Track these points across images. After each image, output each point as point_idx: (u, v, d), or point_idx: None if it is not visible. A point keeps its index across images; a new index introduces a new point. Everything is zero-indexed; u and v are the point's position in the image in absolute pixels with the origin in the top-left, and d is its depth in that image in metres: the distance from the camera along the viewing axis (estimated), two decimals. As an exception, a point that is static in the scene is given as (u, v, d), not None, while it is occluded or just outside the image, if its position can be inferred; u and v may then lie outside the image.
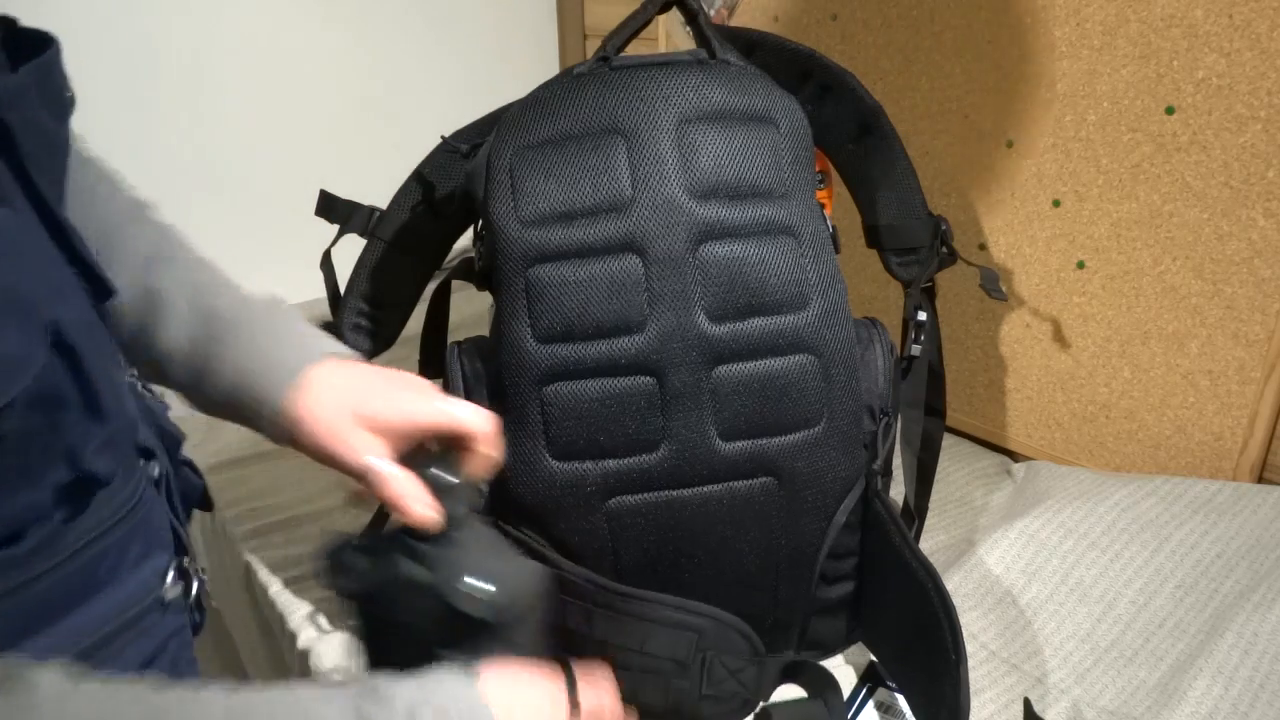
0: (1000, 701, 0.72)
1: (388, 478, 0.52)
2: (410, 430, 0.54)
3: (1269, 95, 0.85)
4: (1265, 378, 0.90)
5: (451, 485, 0.52)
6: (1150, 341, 0.98)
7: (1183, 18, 0.88)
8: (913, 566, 0.66)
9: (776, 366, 0.66)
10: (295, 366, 0.54)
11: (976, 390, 1.15)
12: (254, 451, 1.11)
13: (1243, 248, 0.89)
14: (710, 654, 0.67)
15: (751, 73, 0.69)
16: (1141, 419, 1.01)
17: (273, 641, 0.90)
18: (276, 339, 0.56)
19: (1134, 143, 0.94)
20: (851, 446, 0.69)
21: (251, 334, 0.55)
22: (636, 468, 0.65)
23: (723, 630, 0.67)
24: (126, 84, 1.31)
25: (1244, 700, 0.69)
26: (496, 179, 0.66)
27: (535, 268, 0.65)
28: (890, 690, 0.74)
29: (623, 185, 0.65)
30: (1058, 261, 1.03)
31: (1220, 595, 0.79)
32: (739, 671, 0.68)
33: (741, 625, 0.68)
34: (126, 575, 0.47)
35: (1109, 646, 0.76)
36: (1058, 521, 0.87)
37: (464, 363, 0.69)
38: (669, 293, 0.64)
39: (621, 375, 0.65)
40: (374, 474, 0.52)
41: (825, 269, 0.67)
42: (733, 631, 0.68)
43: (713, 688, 0.67)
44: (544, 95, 0.68)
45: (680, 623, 0.66)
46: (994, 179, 1.07)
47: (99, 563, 0.45)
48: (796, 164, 0.67)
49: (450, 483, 0.52)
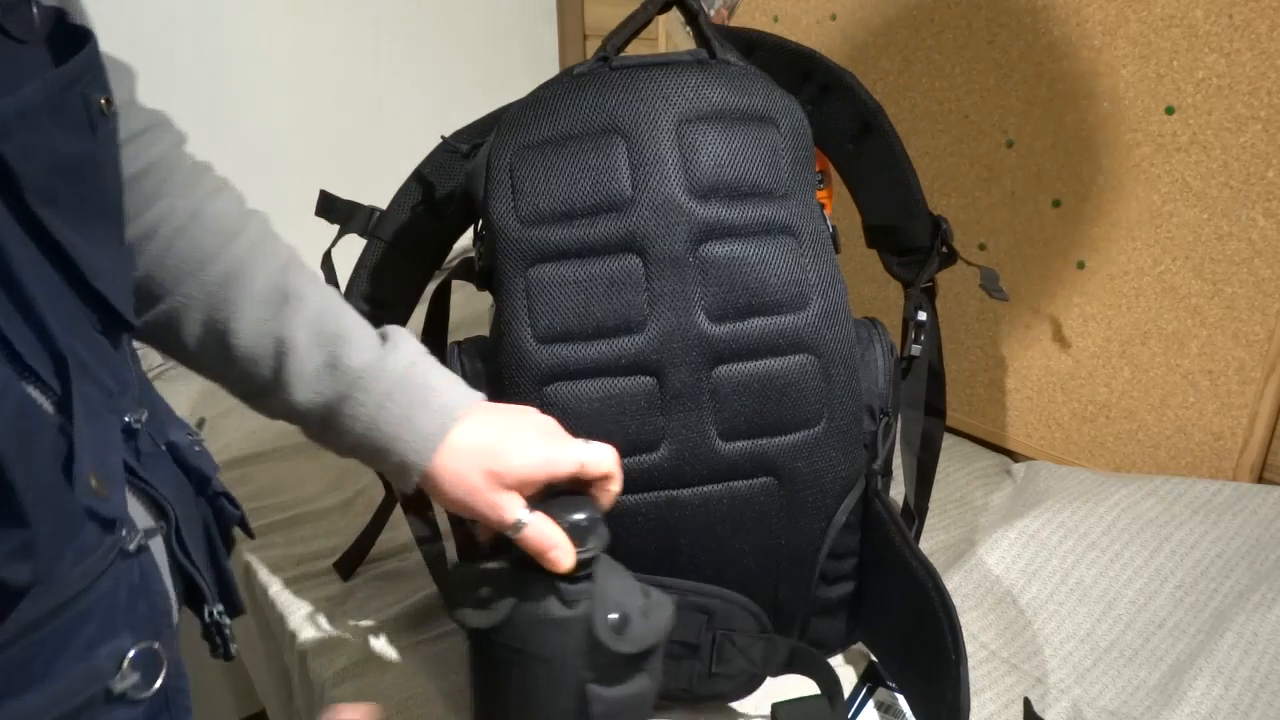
0: (1000, 701, 0.72)
1: (536, 532, 0.53)
2: (544, 479, 0.55)
3: (1269, 95, 0.85)
4: (1265, 378, 0.90)
5: (586, 525, 0.54)
6: (1150, 341, 0.98)
7: (1183, 18, 0.88)
8: (913, 566, 0.66)
9: (776, 366, 0.66)
10: (431, 433, 0.54)
11: (976, 390, 1.15)
12: (254, 451, 1.11)
13: (1243, 248, 0.89)
14: (720, 633, 0.68)
15: (751, 73, 0.69)
16: (1141, 419, 1.01)
17: (273, 642, 0.90)
18: (410, 402, 0.55)
19: (1134, 143, 0.94)
20: (851, 446, 0.69)
21: (384, 396, 0.55)
22: (636, 467, 0.65)
23: (731, 609, 0.68)
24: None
25: (1244, 700, 0.69)
26: (496, 179, 0.66)
27: (535, 267, 0.65)
28: (890, 690, 0.74)
29: (623, 185, 0.65)
30: (1058, 261, 1.03)
31: (1220, 595, 0.79)
32: (748, 648, 0.69)
33: (749, 603, 0.69)
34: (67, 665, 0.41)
35: (1109, 646, 0.76)
36: (1058, 521, 0.87)
37: (464, 363, 0.69)
38: (669, 293, 0.64)
39: (621, 375, 0.65)
40: (523, 531, 0.53)
41: (825, 269, 0.67)
42: (740, 609, 0.69)
43: (722, 666, 0.69)
44: (544, 95, 0.68)
45: (689, 605, 0.67)
46: (994, 179, 1.07)
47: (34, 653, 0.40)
48: (796, 164, 0.67)
49: (584, 523, 0.54)
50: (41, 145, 0.40)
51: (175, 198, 0.55)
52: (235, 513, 0.60)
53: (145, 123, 0.56)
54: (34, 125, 0.39)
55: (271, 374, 0.55)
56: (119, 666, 0.43)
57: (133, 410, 0.49)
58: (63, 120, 0.41)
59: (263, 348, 0.55)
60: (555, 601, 0.52)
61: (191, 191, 0.56)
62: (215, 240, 0.55)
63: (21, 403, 0.37)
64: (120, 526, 0.44)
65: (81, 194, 0.43)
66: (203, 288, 0.55)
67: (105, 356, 0.46)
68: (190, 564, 0.52)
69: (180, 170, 0.57)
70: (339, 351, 0.55)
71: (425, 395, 0.55)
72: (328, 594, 0.87)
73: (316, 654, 0.81)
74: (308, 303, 0.56)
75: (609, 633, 0.51)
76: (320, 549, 0.94)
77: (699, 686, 0.69)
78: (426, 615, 0.84)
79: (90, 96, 0.44)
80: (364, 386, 0.55)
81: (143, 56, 1.50)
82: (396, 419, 0.55)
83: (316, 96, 1.51)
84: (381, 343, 0.57)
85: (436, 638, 0.82)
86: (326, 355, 0.55)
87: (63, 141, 0.41)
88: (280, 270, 0.56)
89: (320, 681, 0.78)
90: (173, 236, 0.55)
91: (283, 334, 0.55)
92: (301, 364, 0.55)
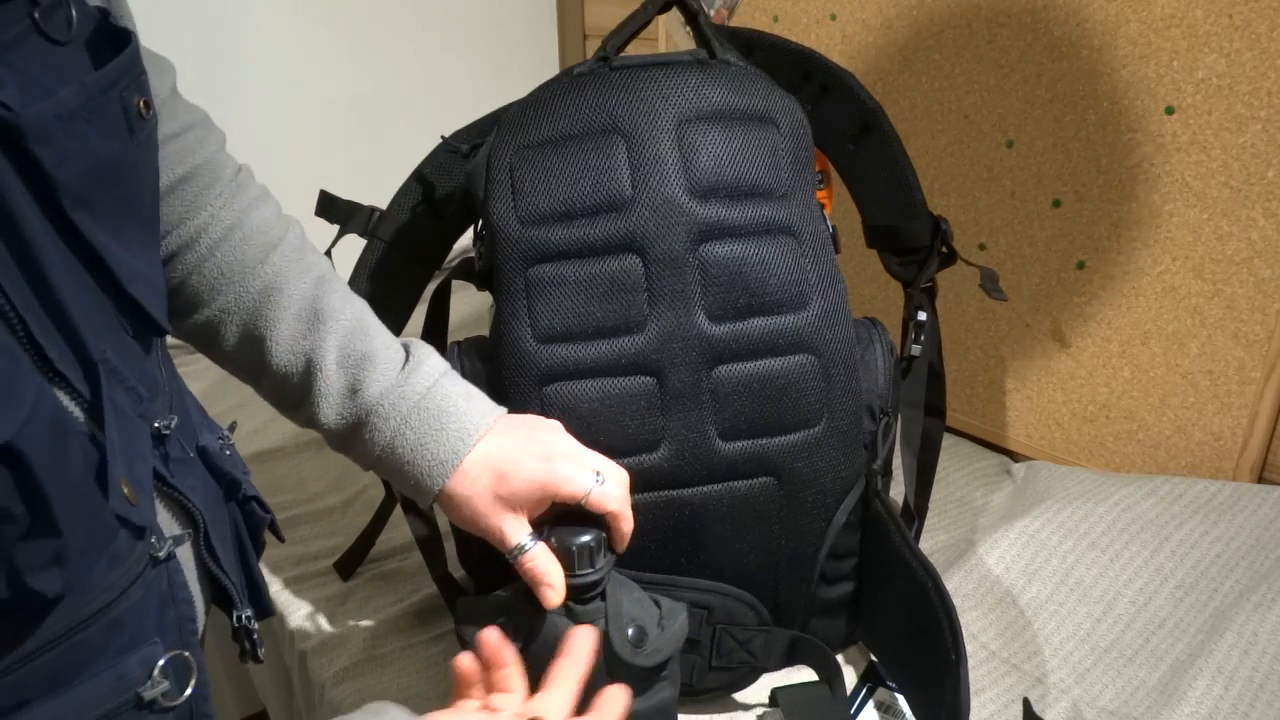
0: (1000, 701, 0.72)
1: (531, 562, 0.54)
2: (546, 501, 0.56)
3: (1269, 95, 0.85)
4: (1265, 378, 0.90)
5: (593, 546, 0.54)
6: (1150, 341, 0.98)
7: (1183, 18, 0.88)
8: (913, 566, 0.66)
9: (776, 366, 0.66)
10: (444, 459, 0.55)
11: (976, 390, 1.15)
12: (254, 451, 1.12)
13: (1243, 248, 0.89)
14: (720, 627, 0.68)
15: (751, 73, 0.69)
16: (1141, 419, 1.01)
17: (273, 642, 0.90)
18: (425, 428, 0.56)
19: (1134, 143, 0.94)
20: (851, 446, 0.69)
21: (401, 422, 0.56)
22: (636, 468, 0.65)
23: (730, 603, 0.69)
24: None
25: (1244, 700, 0.69)
26: (496, 179, 0.66)
27: (535, 267, 0.65)
28: (890, 690, 0.74)
29: (623, 185, 0.65)
30: (1058, 261, 1.03)
31: (1220, 595, 0.79)
32: (748, 642, 0.69)
33: (748, 597, 0.69)
34: (97, 673, 0.42)
35: (1109, 646, 0.76)
36: (1058, 521, 0.87)
37: (464, 363, 0.69)
38: (669, 293, 0.64)
39: (621, 375, 0.65)
40: (520, 558, 0.54)
41: (825, 269, 0.67)
42: (740, 604, 0.69)
43: (722, 659, 0.69)
44: (544, 95, 0.68)
45: (690, 601, 0.67)
46: (994, 179, 1.07)
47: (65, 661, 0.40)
48: (796, 164, 0.67)
49: (590, 545, 0.54)
50: (78, 149, 0.39)
51: (218, 207, 0.56)
52: (266, 516, 0.61)
53: (187, 121, 0.56)
54: (71, 129, 0.39)
55: (301, 392, 0.57)
56: (150, 674, 0.44)
57: (162, 416, 0.49)
58: (100, 124, 0.41)
59: (295, 365, 0.56)
60: (569, 624, 0.52)
61: (235, 201, 0.57)
62: (255, 253, 0.56)
63: (54, 412, 0.38)
64: (150, 534, 0.45)
65: (117, 198, 0.43)
66: (240, 301, 0.56)
67: (136, 361, 0.46)
68: (219, 569, 0.52)
69: (222, 178, 0.57)
70: (361, 376, 0.56)
71: (442, 421, 0.56)
72: (328, 594, 0.87)
73: (316, 654, 0.81)
74: (339, 322, 0.57)
75: (628, 647, 0.52)
76: (320, 549, 0.94)
77: (699, 680, 0.70)
78: (426, 615, 0.84)
79: (129, 99, 0.43)
80: (382, 413, 0.56)
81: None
82: (411, 444, 0.55)
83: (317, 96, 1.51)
84: (404, 363, 0.57)
85: (436, 638, 0.82)
86: (350, 379, 0.56)
87: (100, 145, 0.41)
88: (315, 283, 0.57)
89: (320, 681, 0.78)
90: (213, 246, 0.55)
91: (313, 354, 0.56)
92: (328, 385, 0.56)
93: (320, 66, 1.50)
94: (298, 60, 1.48)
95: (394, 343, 0.59)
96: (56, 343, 0.39)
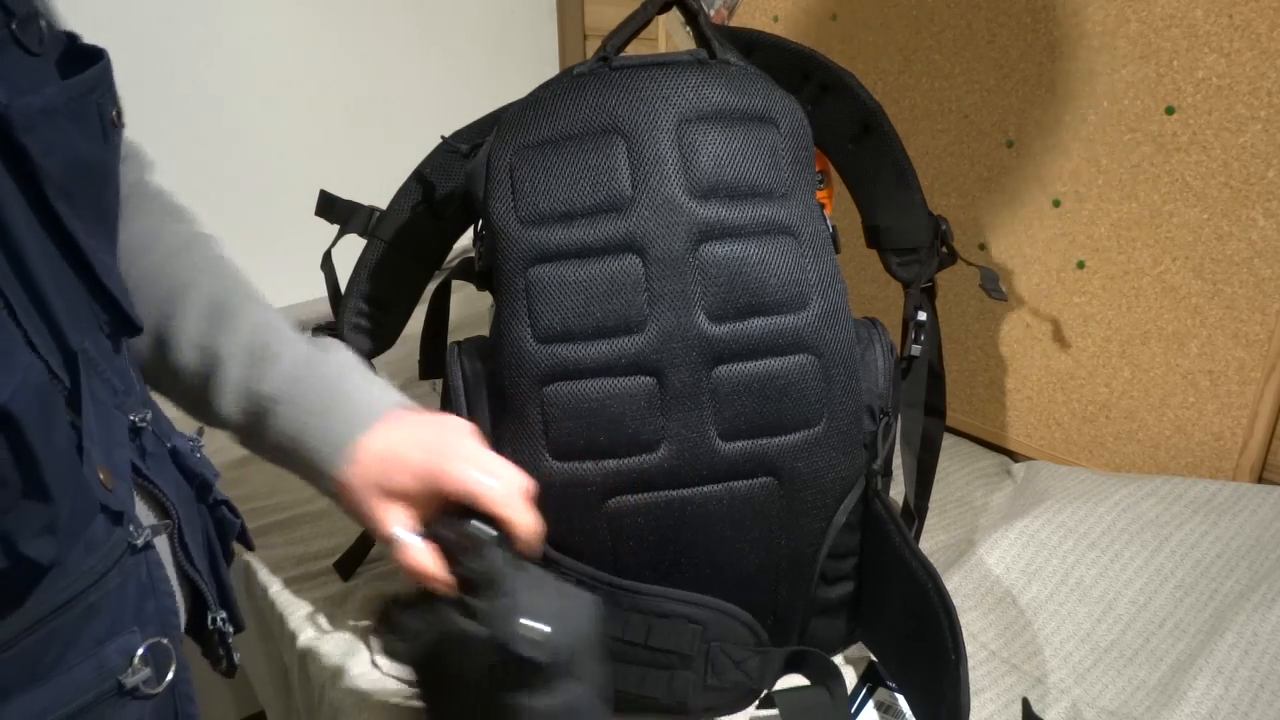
0: (1000, 701, 0.72)
1: (406, 549, 0.53)
2: (435, 497, 0.55)
3: (1269, 95, 0.85)
4: (1265, 378, 0.91)
5: (491, 536, 0.53)
6: (1150, 341, 0.98)
7: (1183, 18, 0.88)
8: (913, 566, 0.66)
9: (776, 366, 0.66)
10: (339, 442, 0.55)
11: (976, 390, 1.15)
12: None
13: (1243, 248, 0.89)
14: (714, 645, 0.67)
15: (751, 73, 0.69)
16: (1141, 419, 1.01)
17: (272, 642, 0.90)
18: (325, 413, 0.56)
19: (1134, 143, 0.94)
20: (851, 446, 0.69)
21: (301, 408, 0.56)
22: (636, 468, 0.65)
23: (726, 621, 0.68)
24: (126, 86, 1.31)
25: (1244, 700, 0.69)
26: (496, 179, 0.66)
27: (535, 268, 0.65)
28: (890, 690, 0.74)
29: (623, 185, 0.65)
30: (1058, 261, 1.03)
31: (1220, 595, 0.79)
32: (743, 661, 0.68)
33: (744, 615, 0.68)
34: (77, 662, 0.42)
35: (1109, 646, 0.76)
36: (1058, 521, 0.87)
37: (464, 363, 0.69)
38: (669, 293, 0.64)
39: (621, 375, 0.65)
40: (395, 545, 0.54)
41: (825, 269, 0.67)
42: (736, 622, 0.68)
43: (717, 678, 0.68)
44: (544, 95, 0.68)
45: (684, 615, 0.67)
46: (994, 179, 1.07)
47: (43, 649, 0.40)
48: (796, 164, 0.67)
49: (489, 534, 0.53)
50: (61, 144, 0.41)
51: (139, 220, 0.58)
52: (235, 521, 0.61)
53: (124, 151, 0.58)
54: (55, 124, 0.40)
55: (202, 386, 0.57)
56: (130, 662, 0.44)
57: (138, 410, 0.50)
58: (80, 124, 0.43)
59: (196, 361, 0.56)
60: (463, 620, 0.51)
61: (151, 216, 0.59)
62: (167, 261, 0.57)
63: (42, 382, 0.39)
64: (127, 521, 0.45)
65: (92, 197, 0.44)
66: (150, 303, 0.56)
67: (111, 357, 0.47)
68: (193, 568, 0.53)
69: (146, 196, 0.60)
70: (262, 369, 0.56)
71: (342, 407, 0.56)
72: (328, 594, 0.87)
73: (316, 654, 0.81)
74: (242, 320, 0.57)
75: (524, 643, 0.50)
76: (320, 549, 0.94)
77: (694, 698, 0.68)
78: (426, 615, 0.84)
79: (104, 106, 0.45)
80: (283, 402, 0.55)
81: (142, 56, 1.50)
82: (308, 429, 0.55)
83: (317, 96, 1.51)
84: (308, 359, 0.57)
85: (436, 638, 0.82)
86: (250, 371, 0.56)
87: (80, 144, 0.43)
88: (222, 289, 0.58)
89: (320, 681, 0.78)
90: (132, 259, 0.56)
91: (214, 348, 0.56)
92: (226, 377, 0.56)
93: (320, 67, 1.50)
94: (298, 60, 1.48)
95: (299, 339, 0.59)
96: (38, 329, 0.40)
